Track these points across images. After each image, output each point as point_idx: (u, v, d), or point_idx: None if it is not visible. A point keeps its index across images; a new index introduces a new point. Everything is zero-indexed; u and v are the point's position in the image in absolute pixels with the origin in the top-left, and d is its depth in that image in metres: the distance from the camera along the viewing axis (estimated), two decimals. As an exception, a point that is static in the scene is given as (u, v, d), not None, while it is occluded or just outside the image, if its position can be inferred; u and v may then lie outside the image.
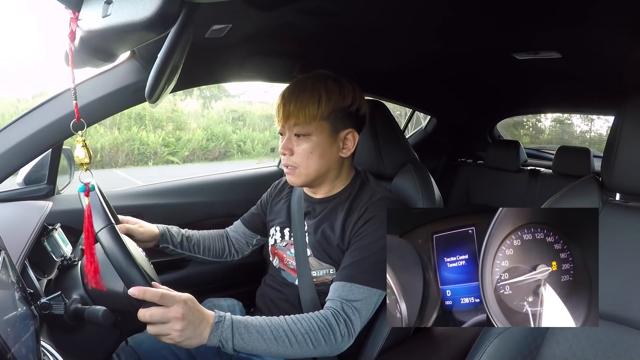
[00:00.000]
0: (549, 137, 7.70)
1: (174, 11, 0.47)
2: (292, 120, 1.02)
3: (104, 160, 9.54)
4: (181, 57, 0.68)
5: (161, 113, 10.91)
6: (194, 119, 11.79)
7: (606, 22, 1.11)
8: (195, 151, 10.85)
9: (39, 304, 0.80)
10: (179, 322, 0.77)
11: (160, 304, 0.77)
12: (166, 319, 0.77)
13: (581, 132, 7.46)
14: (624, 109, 0.83)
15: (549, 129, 7.79)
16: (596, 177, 0.93)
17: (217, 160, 11.01)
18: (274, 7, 0.99)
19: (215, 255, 1.30)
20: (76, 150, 0.73)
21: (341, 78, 1.05)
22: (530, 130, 7.85)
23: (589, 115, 6.75)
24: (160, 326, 0.77)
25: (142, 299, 0.77)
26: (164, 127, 10.83)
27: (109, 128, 9.98)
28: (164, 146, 10.48)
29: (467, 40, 1.37)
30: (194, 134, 11.06)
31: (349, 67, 1.58)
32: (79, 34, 0.61)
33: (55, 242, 1.06)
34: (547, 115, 7.37)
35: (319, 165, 1.04)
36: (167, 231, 1.20)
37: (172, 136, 10.76)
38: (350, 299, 0.95)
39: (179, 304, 0.78)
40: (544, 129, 7.90)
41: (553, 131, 7.69)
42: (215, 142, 11.18)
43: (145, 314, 0.77)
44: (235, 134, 11.68)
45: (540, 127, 7.95)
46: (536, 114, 4.61)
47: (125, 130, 10.09)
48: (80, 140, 0.73)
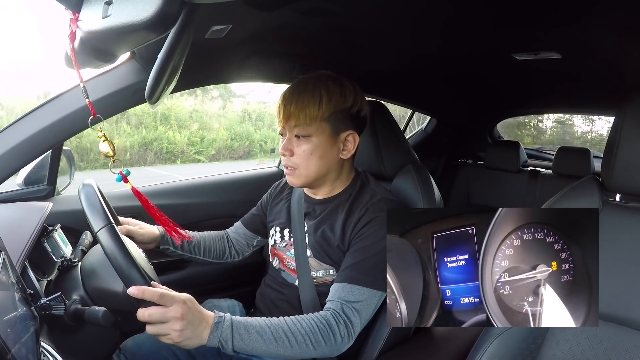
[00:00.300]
0: (551, 138, 7.72)
1: (174, 12, 0.47)
2: (293, 121, 1.02)
3: (132, 158, 9.75)
4: (181, 58, 0.68)
5: (184, 113, 11.23)
6: (215, 119, 12.10)
7: (606, 22, 1.12)
8: (221, 150, 11.24)
9: (39, 305, 0.80)
10: (178, 322, 0.76)
11: (160, 304, 0.77)
12: (165, 319, 0.76)
13: (582, 132, 7.46)
14: (623, 110, 0.83)
15: (550, 129, 7.82)
16: (596, 178, 0.93)
17: (241, 159, 11.34)
18: (274, 8, 0.99)
19: (216, 256, 1.30)
20: (100, 145, 0.74)
21: (342, 79, 1.05)
22: (532, 131, 7.87)
23: (589, 115, 6.76)
24: (159, 326, 0.77)
25: (141, 299, 0.77)
26: (188, 127, 11.11)
27: (136, 127, 10.21)
28: (190, 145, 10.79)
29: (467, 40, 1.37)
30: (218, 133, 11.42)
31: (349, 68, 1.58)
32: (79, 35, 0.62)
33: (55, 243, 1.06)
34: (549, 116, 7.39)
35: (319, 166, 1.04)
36: (167, 233, 1.20)
37: (197, 135, 11.04)
38: (351, 300, 0.95)
39: (178, 303, 0.78)
40: (545, 130, 7.93)
41: (555, 132, 7.71)
42: (240, 142, 11.59)
43: (144, 314, 0.77)
44: (257, 134, 12.01)
45: (542, 127, 7.98)
46: (536, 114, 4.61)
47: (152, 129, 10.33)
48: (102, 135, 0.74)
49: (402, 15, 1.14)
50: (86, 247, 1.11)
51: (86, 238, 1.15)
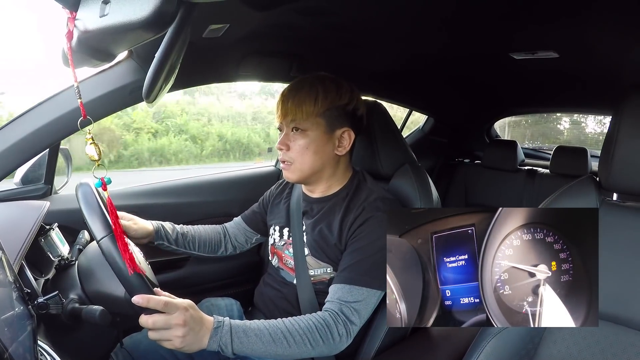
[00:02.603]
0: (568, 138, 7.80)
1: (172, 11, 0.47)
2: (290, 116, 1.05)
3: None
4: (179, 57, 0.68)
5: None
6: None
7: (603, 21, 1.12)
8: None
9: (36, 304, 0.80)
10: (180, 329, 0.77)
11: (163, 312, 0.78)
12: (168, 326, 0.77)
13: (599, 133, 7.50)
14: (621, 109, 0.83)
15: (567, 130, 7.91)
16: (593, 177, 0.93)
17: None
18: (271, 7, 0.99)
19: (211, 250, 1.30)
20: (86, 148, 0.73)
21: (340, 79, 1.08)
22: (551, 132, 8.02)
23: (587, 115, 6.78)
24: (162, 332, 0.78)
25: (146, 307, 0.77)
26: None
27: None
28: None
29: (464, 40, 1.37)
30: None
31: (346, 67, 1.57)
32: (76, 34, 0.61)
33: (52, 242, 1.06)
34: (565, 117, 7.49)
35: (314, 161, 1.06)
36: (161, 228, 1.19)
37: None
38: (350, 300, 0.95)
39: (181, 311, 0.79)
40: (563, 131, 8.04)
41: (571, 133, 7.79)
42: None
43: (147, 321, 0.77)
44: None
45: (560, 128, 8.13)
46: (533, 113, 4.61)
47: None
48: (89, 138, 0.73)
49: (399, 15, 1.14)
50: (83, 246, 1.11)
51: (83, 237, 1.15)
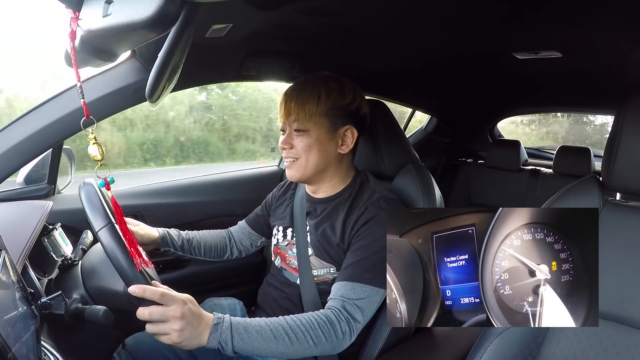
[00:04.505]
0: (594, 141, 7.85)
1: (175, 11, 0.47)
2: (293, 116, 1.05)
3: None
4: (182, 57, 0.68)
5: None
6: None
7: (606, 21, 1.11)
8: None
9: (39, 304, 0.80)
10: (178, 322, 0.76)
11: (160, 303, 0.77)
12: (165, 318, 0.77)
13: None
14: (624, 109, 0.83)
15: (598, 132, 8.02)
16: (596, 177, 0.93)
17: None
18: (274, 7, 0.99)
19: (217, 255, 1.30)
20: (89, 148, 0.73)
21: (343, 79, 1.07)
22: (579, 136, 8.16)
23: (589, 115, 6.77)
24: (159, 325, 0.77)
25: (142, 297, 0.77)
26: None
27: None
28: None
29: (467, 39, 1.37)
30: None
31: (349, 67, 1.58)
32: (79, 34, 0.61)
33: (55, 242, 1.07)
34: (596, 120, 7.60)
35: (317, 159, 1.06)
36: (167, 234, 1.19)
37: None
38: (352, 297, 0.95)
39: (179, 303, 0.78)
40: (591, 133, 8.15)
41: (599, 135, 7.88)
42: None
43: (144, 312, 0.77)
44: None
45: (589, 130, 8.25)
46: (536, 113, 4.62)
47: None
48: (92, 138, 0.73)
49: (402, 15, 1.13)
50: (86, 246, 1.11)
51: (87, 237, 1.15)
